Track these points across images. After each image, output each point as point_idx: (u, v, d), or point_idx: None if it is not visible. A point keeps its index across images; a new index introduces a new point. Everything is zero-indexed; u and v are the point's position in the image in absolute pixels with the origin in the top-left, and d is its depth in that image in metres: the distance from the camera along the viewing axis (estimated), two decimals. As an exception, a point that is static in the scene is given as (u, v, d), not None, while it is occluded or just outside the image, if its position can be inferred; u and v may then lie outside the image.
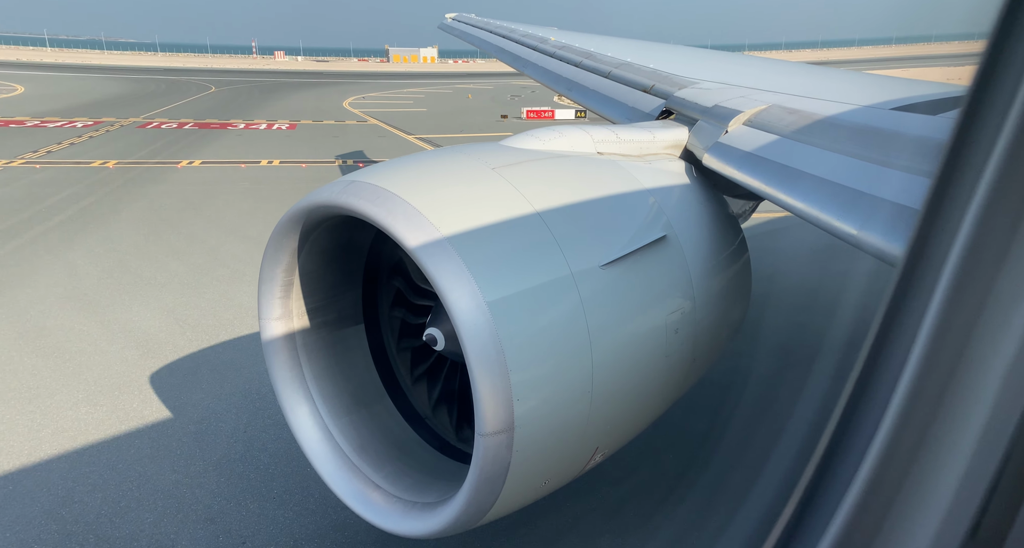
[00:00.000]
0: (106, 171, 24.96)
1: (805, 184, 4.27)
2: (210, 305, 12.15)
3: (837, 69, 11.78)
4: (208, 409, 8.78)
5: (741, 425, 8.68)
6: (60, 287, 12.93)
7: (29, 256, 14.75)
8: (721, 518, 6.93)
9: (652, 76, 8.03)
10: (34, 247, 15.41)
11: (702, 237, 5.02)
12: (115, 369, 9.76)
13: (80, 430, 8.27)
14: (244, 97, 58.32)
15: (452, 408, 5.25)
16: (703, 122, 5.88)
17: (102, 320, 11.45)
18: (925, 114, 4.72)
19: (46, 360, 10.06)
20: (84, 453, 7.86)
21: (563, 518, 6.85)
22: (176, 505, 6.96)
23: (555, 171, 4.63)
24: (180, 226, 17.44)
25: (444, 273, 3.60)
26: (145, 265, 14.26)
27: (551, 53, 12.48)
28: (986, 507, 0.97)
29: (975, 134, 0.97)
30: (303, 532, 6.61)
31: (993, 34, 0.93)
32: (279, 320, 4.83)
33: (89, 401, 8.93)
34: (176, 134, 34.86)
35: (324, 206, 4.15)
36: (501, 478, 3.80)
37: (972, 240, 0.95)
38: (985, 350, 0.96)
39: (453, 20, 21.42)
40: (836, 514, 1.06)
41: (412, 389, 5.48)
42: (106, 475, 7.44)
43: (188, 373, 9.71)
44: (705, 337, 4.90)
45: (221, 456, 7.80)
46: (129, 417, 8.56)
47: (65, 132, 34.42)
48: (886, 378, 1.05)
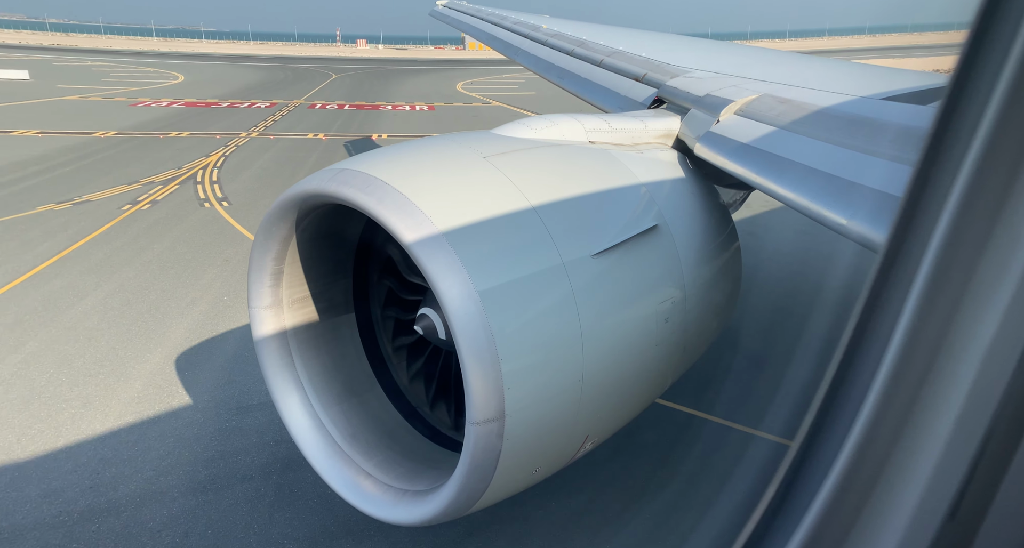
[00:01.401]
0: (321, 142, 29.11)
1: (795, 174, 4.29)
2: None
3: (827, 58, 11.79)
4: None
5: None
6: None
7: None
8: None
9: (644, 65, 8.01)
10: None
11: (693, 226, 5.04)
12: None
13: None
14: (367, 83, 62.11)
15: (443, 396, 5.27)
16: (695, 111, 5.88)
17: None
18: (915, 103, 4.74)
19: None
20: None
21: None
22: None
23: (547, 160, 4.63)
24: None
25: (435, 262, 3.60)
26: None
27: (543, 41, 12.43)
28: (964, 490, 0.99)
29: (956, 124, 0.98)
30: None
31: (973, 24, 0.94)
32: (269, 309, 4.82)
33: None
34: (344, 114, 39.42)
35: (314, 194, 4.13)
36: (492, 466, 3.82)
37: (952, 229, 0.96)
38: (964, 336, 0.98)
39: (444, 7, 21.25)
40: (816, 497, 1.08)
41: (403, 378, 5.49)
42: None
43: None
44: (695, 326, 4.93)
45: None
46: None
47: (256, 112, 39.28)
48: (867, 363, 1.07)
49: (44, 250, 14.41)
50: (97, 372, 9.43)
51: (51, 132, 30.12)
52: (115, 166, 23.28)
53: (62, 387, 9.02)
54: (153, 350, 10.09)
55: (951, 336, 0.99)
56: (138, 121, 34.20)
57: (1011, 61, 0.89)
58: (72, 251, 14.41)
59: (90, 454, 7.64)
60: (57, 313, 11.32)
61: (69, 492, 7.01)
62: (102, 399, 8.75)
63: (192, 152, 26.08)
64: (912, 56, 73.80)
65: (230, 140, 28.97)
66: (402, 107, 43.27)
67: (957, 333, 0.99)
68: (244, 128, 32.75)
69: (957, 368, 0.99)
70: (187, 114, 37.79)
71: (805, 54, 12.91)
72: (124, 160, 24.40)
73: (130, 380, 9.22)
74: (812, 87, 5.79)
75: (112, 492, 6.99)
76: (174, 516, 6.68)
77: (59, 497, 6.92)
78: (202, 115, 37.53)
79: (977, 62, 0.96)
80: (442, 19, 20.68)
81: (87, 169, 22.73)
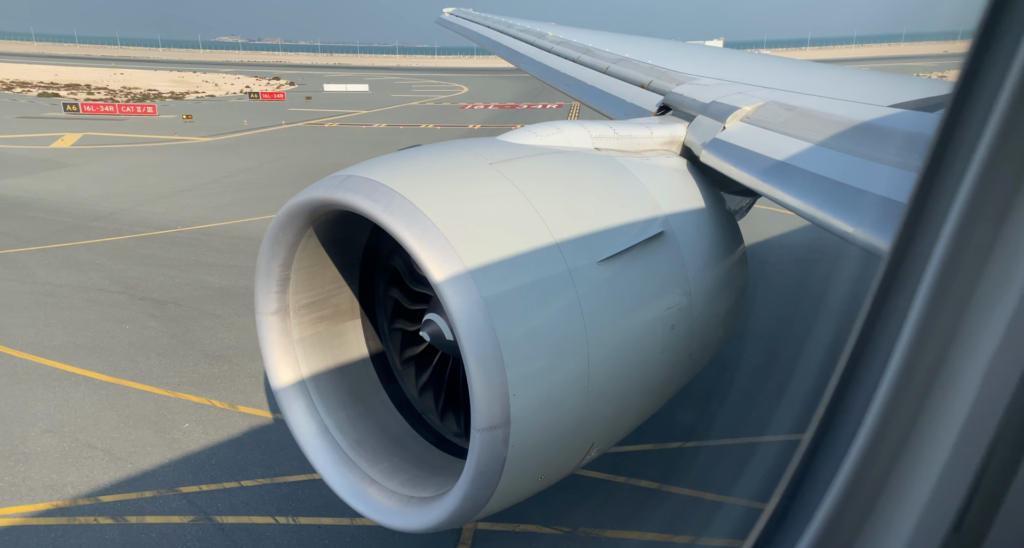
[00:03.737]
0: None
1: (801, 181, 4.28)
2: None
3: (833, 65, 11.78)
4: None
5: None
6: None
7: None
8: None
9: (650, 72, 8.02)
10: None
11: (699, 233, 5.03)
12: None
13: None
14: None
15: (449, 403, 5.26)
16: (701, 118, 5.88)
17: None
18: (921, 111, 4.73)
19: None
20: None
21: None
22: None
23: (552, 167, 4.63)
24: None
25: (440, 269, 3.60)
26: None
27: (549, 49, 12.46)
28: (969, 502, 0.98)
29: (960, 131, 0.98)
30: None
31: (977, 33, 0.94)
32: (276, 315, 4.83)
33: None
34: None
35: (321, 201, 4.15)
36: (497, 473, 3.81)
37: (956, 236, 0.96)
38: (969, 344, 0.97)
39: (451, 15, 21.34)
40: (820, 507, 1.07)
41: (408, 384, 5.49)
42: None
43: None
44: (701, 333, 4.91)
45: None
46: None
47: (557, 111, 50.48)
48: (871, 373, 1.06)
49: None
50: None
51: (446, 125, 42.86)
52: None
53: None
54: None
55: (956, 344, 0.99)
56: (483, 117, 46.38)
57: (1015, 69, 0.89)
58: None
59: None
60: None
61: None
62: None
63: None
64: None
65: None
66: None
67: (962, 341, 0.98)
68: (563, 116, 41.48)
69: (961, 377, 0.98)
70: (508, 112, 48.34)
71: (810, 61, 12.90)
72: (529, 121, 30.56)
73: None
74: (817, 94, 5.79)
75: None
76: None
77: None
78: (519, 113, 48.31)
79: (981, 70, 0.96)
80: (449, 27, 20.78)
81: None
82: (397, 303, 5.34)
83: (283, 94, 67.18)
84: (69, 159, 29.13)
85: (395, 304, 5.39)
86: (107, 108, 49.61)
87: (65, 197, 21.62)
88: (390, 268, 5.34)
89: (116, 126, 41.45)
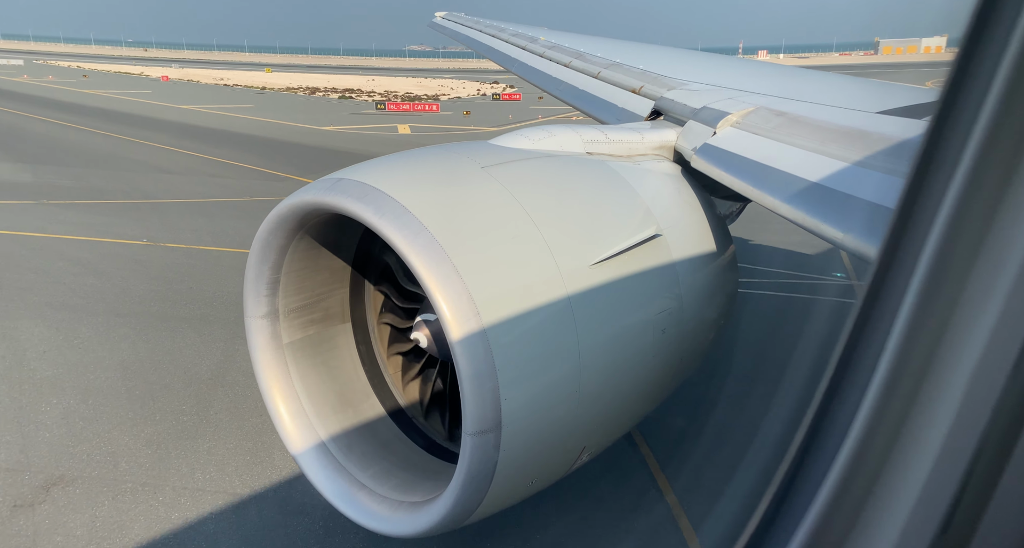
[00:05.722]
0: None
1: (792, 187, 4.30)
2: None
3: (823, 72, 11.88)
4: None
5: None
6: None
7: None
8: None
9: (641, 77, 8.05)
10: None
11: (690, 238, 5.04)
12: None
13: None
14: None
15: (440, 407, 5.25)
16: (692, 123, 5.91)
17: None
18: (909, 117, 4.77)
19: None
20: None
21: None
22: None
23: (544, 171, 4.64)
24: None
25: (432, 273, 3.60)
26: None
27: (540, 53, 12.49)
28: (956, 505, 0.99)
29: (947, 136, 0.99)
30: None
31: (964, 39, 0.95)
32: (265, 318, 4.80)
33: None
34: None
35: (312, 204, 4.13)
36: (488, 477, 3.80)
37: (944, 241, 0.97)
38: (956, 347, 0.98)
39: (443, 19, 21.36)
40: (808, 511, 1.08)
41: (399, 389, 5.48)
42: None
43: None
44: (692, 337, 4.93)
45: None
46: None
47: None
48: (859, 377, 1.07)
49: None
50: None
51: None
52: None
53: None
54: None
55: (943, 348, 1.00)
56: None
57: (1000, 76, 0.90)
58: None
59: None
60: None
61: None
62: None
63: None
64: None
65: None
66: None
67: (949, 345, 0.99)
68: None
69: (948, 382, 0.99)
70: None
71: (801, 68, 13.00)
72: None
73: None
74: (807, 100, 5.82)
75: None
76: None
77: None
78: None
79: (967, 76, 0.97)
80: (441, 31, 20.79)
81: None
82: (388, 306, 5.33)
83: (519, 94, 72.78)
84: (420, 142, 33.74)
85: (385, 305, 5.37)
86: (404, 106, 59.33)
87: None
88: (382, 271, 5.33)
89: (420, 119, 49.89)
